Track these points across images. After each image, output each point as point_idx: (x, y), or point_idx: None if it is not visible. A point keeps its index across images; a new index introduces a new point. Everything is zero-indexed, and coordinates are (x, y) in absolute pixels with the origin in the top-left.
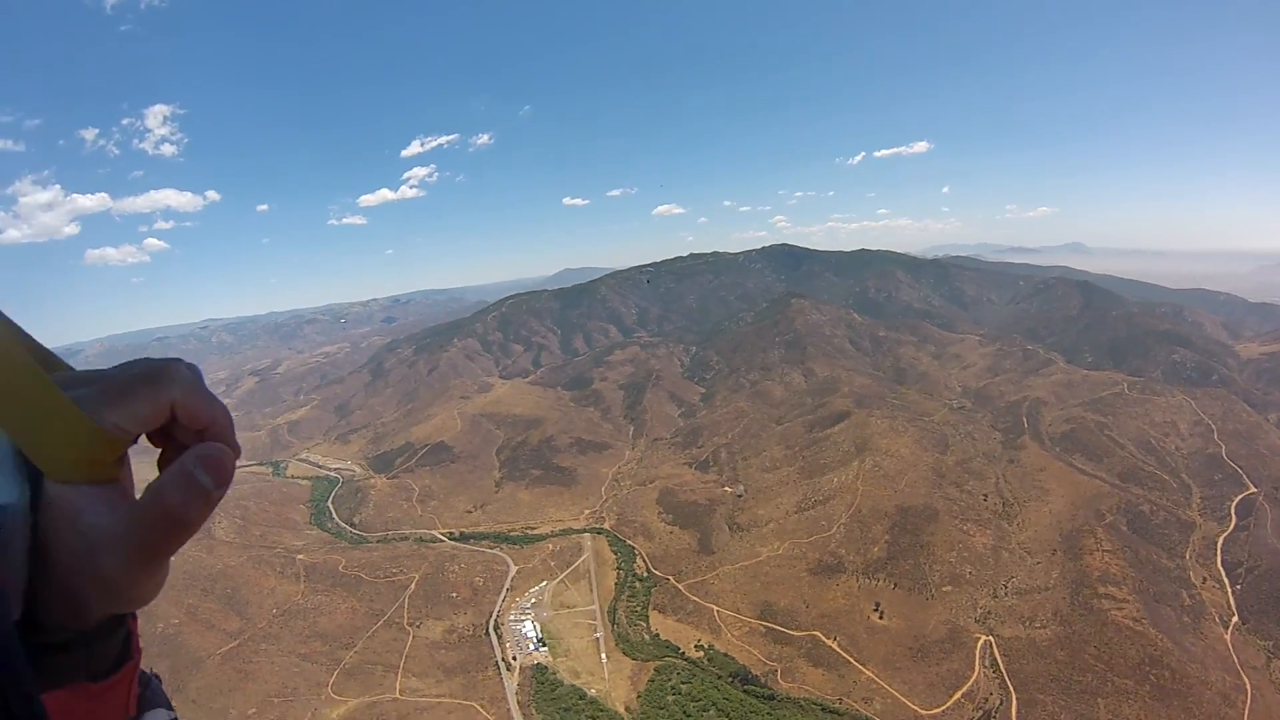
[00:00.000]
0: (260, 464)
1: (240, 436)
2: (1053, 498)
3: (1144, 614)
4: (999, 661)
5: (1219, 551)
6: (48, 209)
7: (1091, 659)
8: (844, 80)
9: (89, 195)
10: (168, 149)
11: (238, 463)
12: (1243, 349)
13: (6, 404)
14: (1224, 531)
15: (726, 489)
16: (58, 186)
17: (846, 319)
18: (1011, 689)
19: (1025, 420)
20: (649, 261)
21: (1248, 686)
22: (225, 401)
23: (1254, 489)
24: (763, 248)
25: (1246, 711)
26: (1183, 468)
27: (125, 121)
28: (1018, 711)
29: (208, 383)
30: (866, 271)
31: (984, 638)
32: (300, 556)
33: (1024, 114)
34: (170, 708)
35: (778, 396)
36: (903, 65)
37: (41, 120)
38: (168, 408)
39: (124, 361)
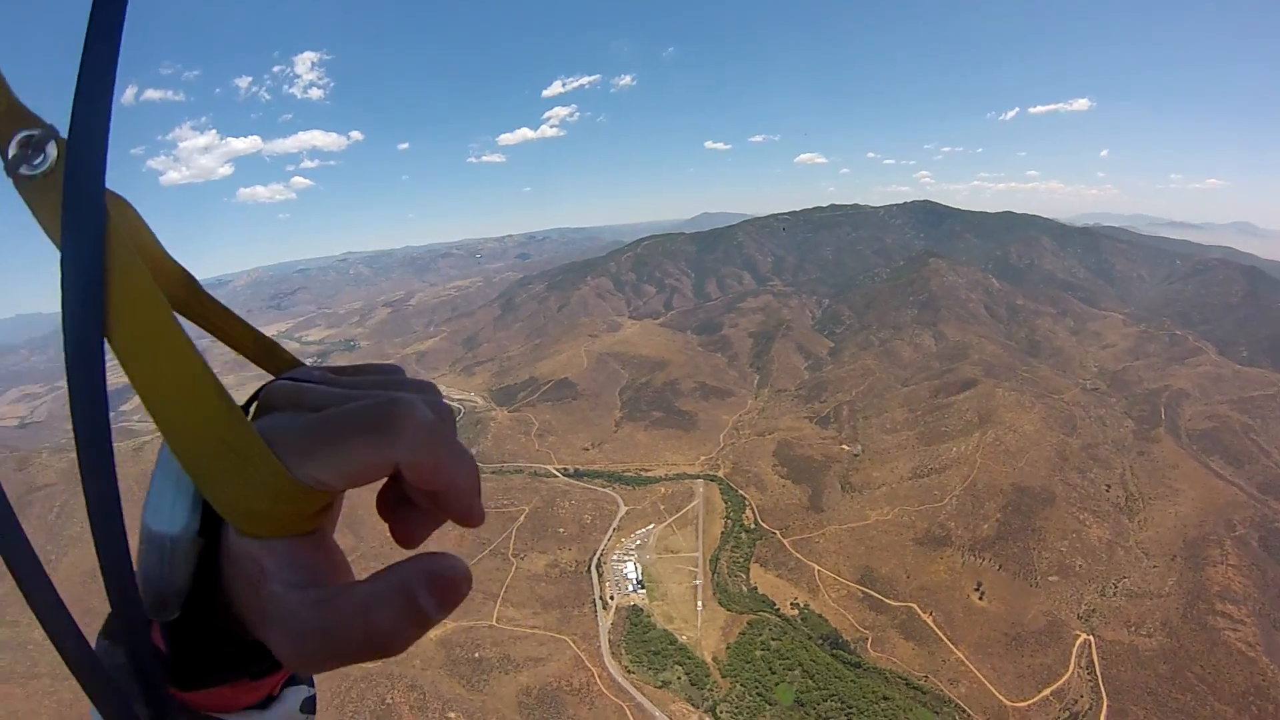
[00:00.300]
0: None
1: None
2: (1181, 499)
3: (1260, 640)
4: (1096, 664)
5: None
6: (204, 152)
7: (1194, 678)
8: (1004, 27)
9: (242, 138)
10: (315, 93)
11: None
12: None
13: (187, 441)
14: None
15: (844, 447)
16: (214, 131)
17: (984, 283)
18: (1104, 695)
19: (1163, 411)
20: (788, 210)
21: None
22: (358, 331)
23: None
24: (904, 203)
25: None
26: None
27: (276, 69)
28: (1107, 719)
29: (343, 312)
30: (1010, 236)
31: (1084, 636)
32: None
33: (1200, 72)
34: (310, 683)
35: (906, 357)
36: (1070, 11)
37: (200, 70)
38: (390, 467)
39: (357, 373)
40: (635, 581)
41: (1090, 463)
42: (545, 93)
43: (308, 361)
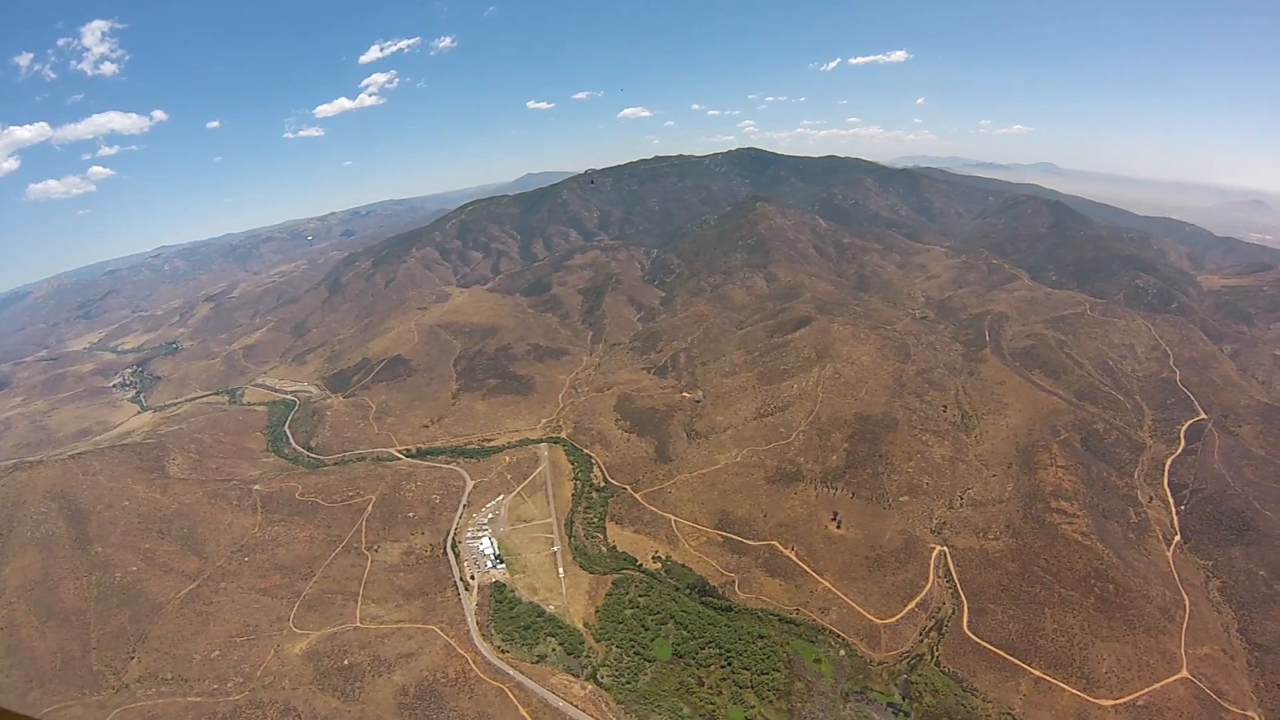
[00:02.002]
0: (216, 393)
1: (195, 366)
2: (1010, 412)
3: (1093, 529)
4: (952, 572)
5: (1166, 472)
6: None
7: (1041, 571)
8: None
9: (26, 126)
10: (108, 68)
11: (189, 395)
12: (1204, 280)
13: None
14: (1172, 454)
15: (685, 395)
16: None
17: (811, 224)
18: (964, 598)
19: (987, 334)
20: (614, 165)
21: (1186, 602)
22: (179, 331)
23: (1204, 415)
24: (729, 151)
25: (1185, 626)
26: (1137, 390)
27: (61, 42)
28: (969, 620)
29: (161, 313)
30: (834, 178)
31: (939, 548)
32: (256, 487)
33: (1008, 28)
34: None
35: (739, 301)
36: None
37: None
38: None
39: None
40: (493, 557)
41: (926, 386)
42: (363, 58)
43: (126, 372)
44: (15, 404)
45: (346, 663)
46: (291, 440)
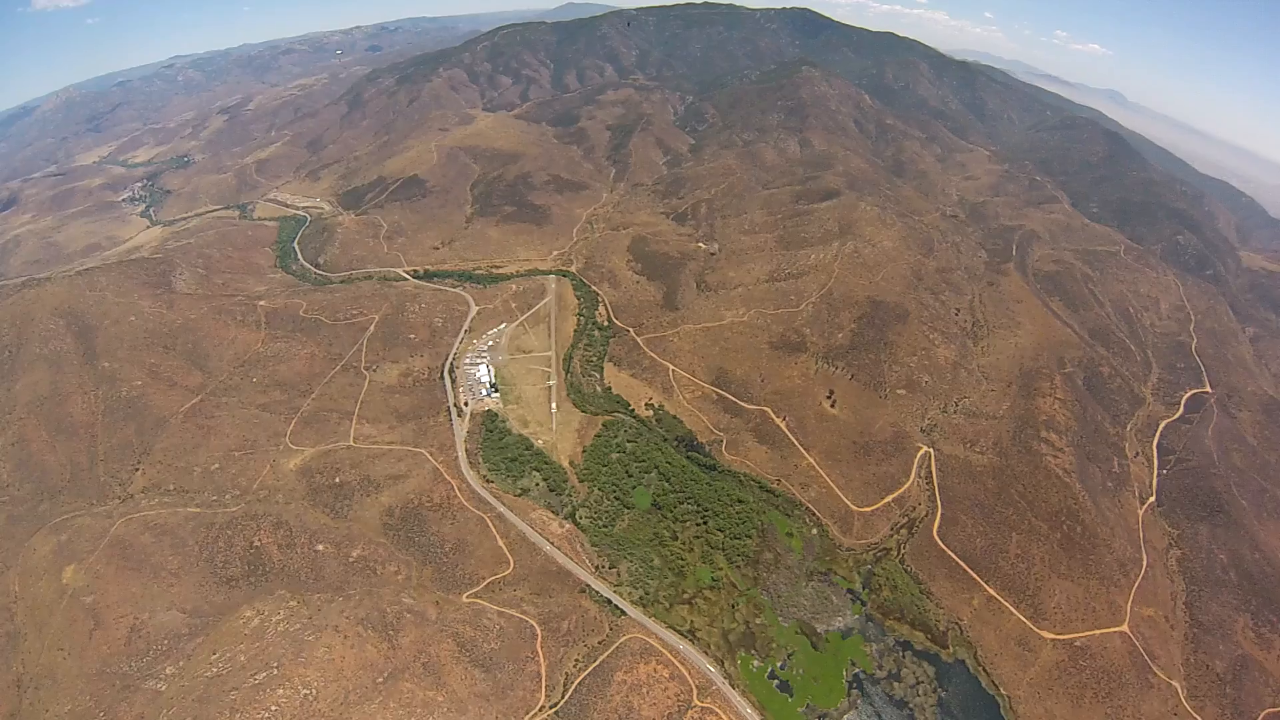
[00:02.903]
0: (226, 207)
1: (207, 180)
2: (1022, 331)
3: (1075, 468)
4: (934, 475)
5: (1158, 434)
6: None
7: (1017, 495)
8: None
9: None
10: None
11: (200, 210)
12: (1246, 257)
13: None
14: (1169, 417)
15: (700, 245)
16: None
17: (856, 99)
18: (939, 504)
19: (1014, 248)
20: (663, 3)
21: (1144, 562)
22: (191, 145)
23: (1210, 389)
24: (783, 8)
25: (1137, 584)
26: (1151, 345)
27: None
28: (939, 527)
29: (173, 126)
30: (888, 56)
31: (925, 449)
32: (261, 303)
33: None
34: None
35: (769, 161)
36: None
37: None
38: None
39: None
40: (489, 385)
41: (943, 285)
42: None
43: (136, 186)
44: (24, 221)
45: (338, 480)
46: (300, 256)
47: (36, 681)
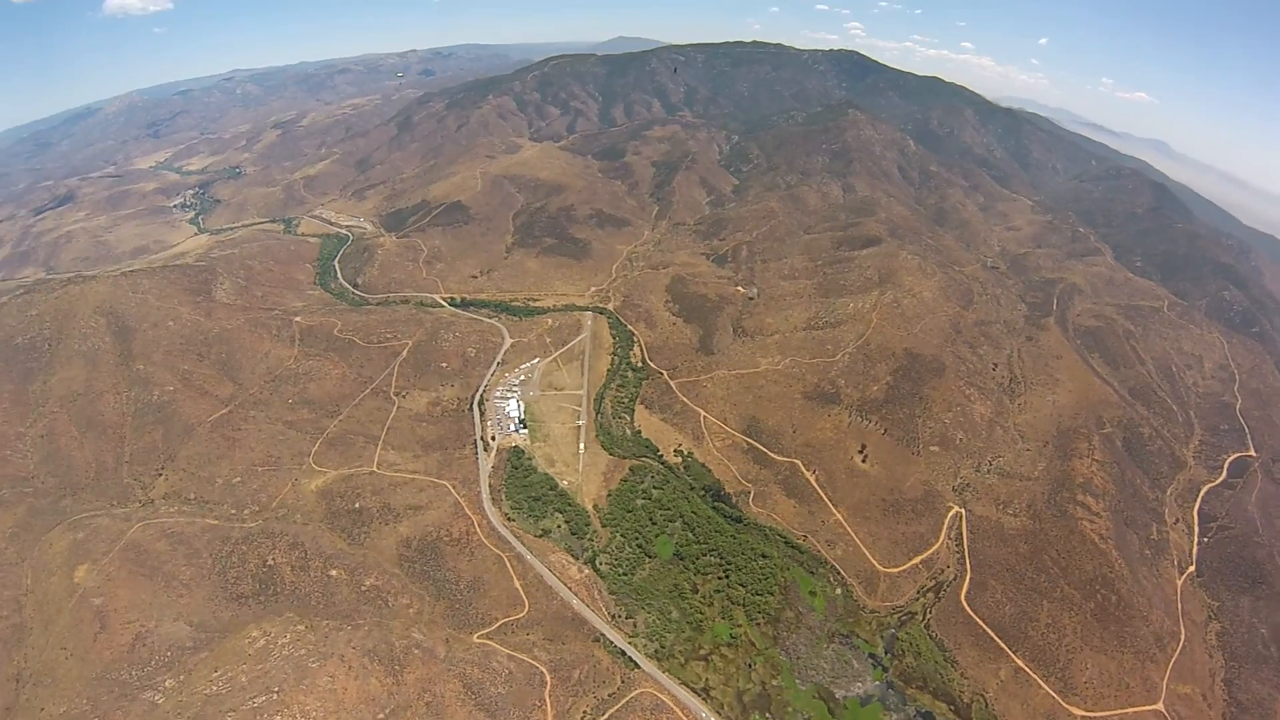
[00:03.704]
0: (272, 221)
1: (255, 193)
2: (1060, 389)
3: (1111, 534)
4: (964, 537)
5: (1199, 499)
6: None
7: (1050, 561)
8: None
9: None
10: None
11: (246, 221)
12: None
13: None
14: (1211, 482)
15: (739, 289)
16: None
17: (900, 144)
18: (969, 567)
19: (1055, 302)
20: (709, 41)
21: (1182, 636)
22: (244, 156)
23: (1254, 453)
24: (830, 50)
25: (1174, 659)
26: (1193, 405)
27: None
28: (968, 591)
29: (228, 137)
30: (933, 101)
31: (956, 509)
32: (297, 319)
33: None
34: None
35: (812, 205)
36: None
37: None
38: None
39: None
40: (518, 421)
41: (981, 339)
42: None
43: (188, 193)
44: (79, 218)
45: (358, 506)
46: (339, 275)
47: (36, 678)
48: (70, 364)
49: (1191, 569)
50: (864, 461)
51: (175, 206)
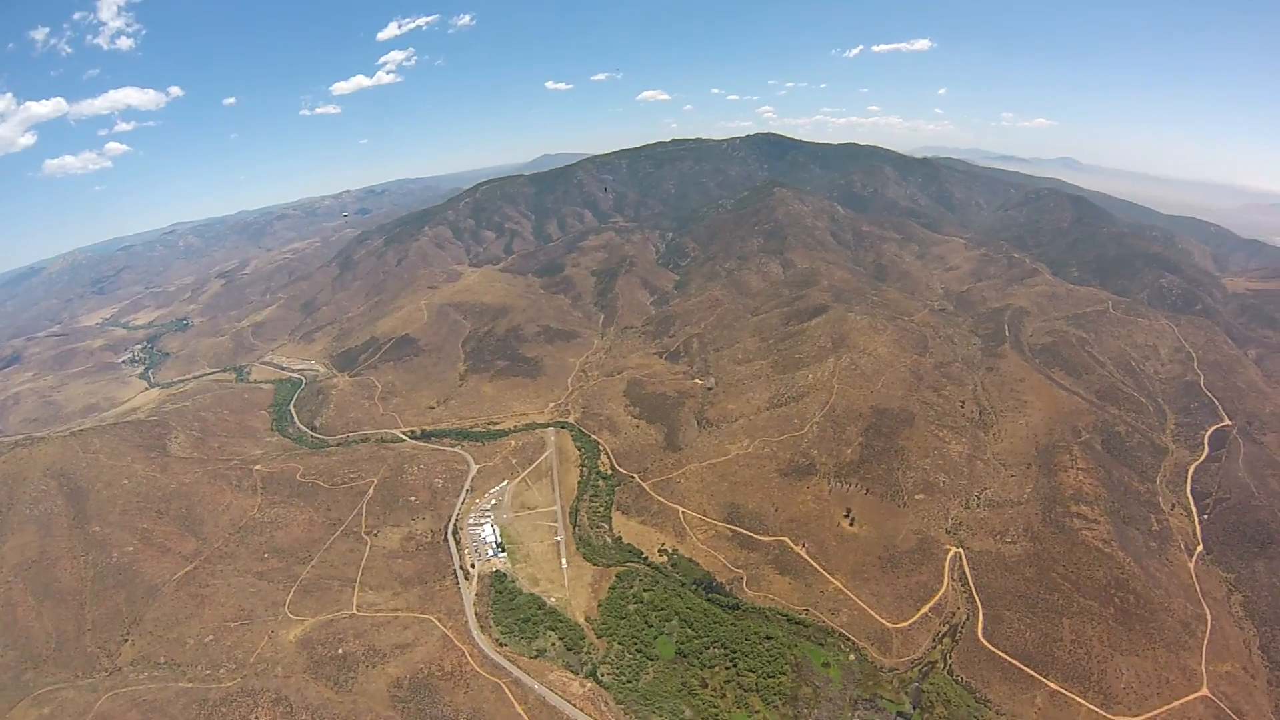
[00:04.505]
0: (223, 370)
1: (204, 343)
2: (1030, 410)
3: (1113, 536)
4: (968, 575)
5: (1189, 479)
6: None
7: (1059, 578)
8: None
9: (43, 101)
10: (124, 42)
11: (197, 372)
12: (1229, 282)
13: None
14: (1196, 460)
15: (696, 381)
16: (9, 95)
17: (829, 211)
18: (979, 604)
19: (1007, 329)
20: (630, 146)
21: (1208, 616)
22: (190, 308)
23: (1229, 421)
24: (747, 136)
25: (1206, 641)
26: (1160, 392)
27: (77, 16)
28: (984, 627)
29: (173, 289)
30: (853, 165)
31: (954, 550)
32: (257, 467)
33: (1033, 19)
34: None
35: (754, 286)
36: None
37: None
38: None
39: None
40: (495, 545)
41: (944, 380)
42: (380, 35)
43: (136, 348)
44: (25, 379)
45: (341, 652)
46: (296, 419)
47: None
48: (22, 530)
49: (1200, 548)
50: (852, 524)
51: (124, 362)
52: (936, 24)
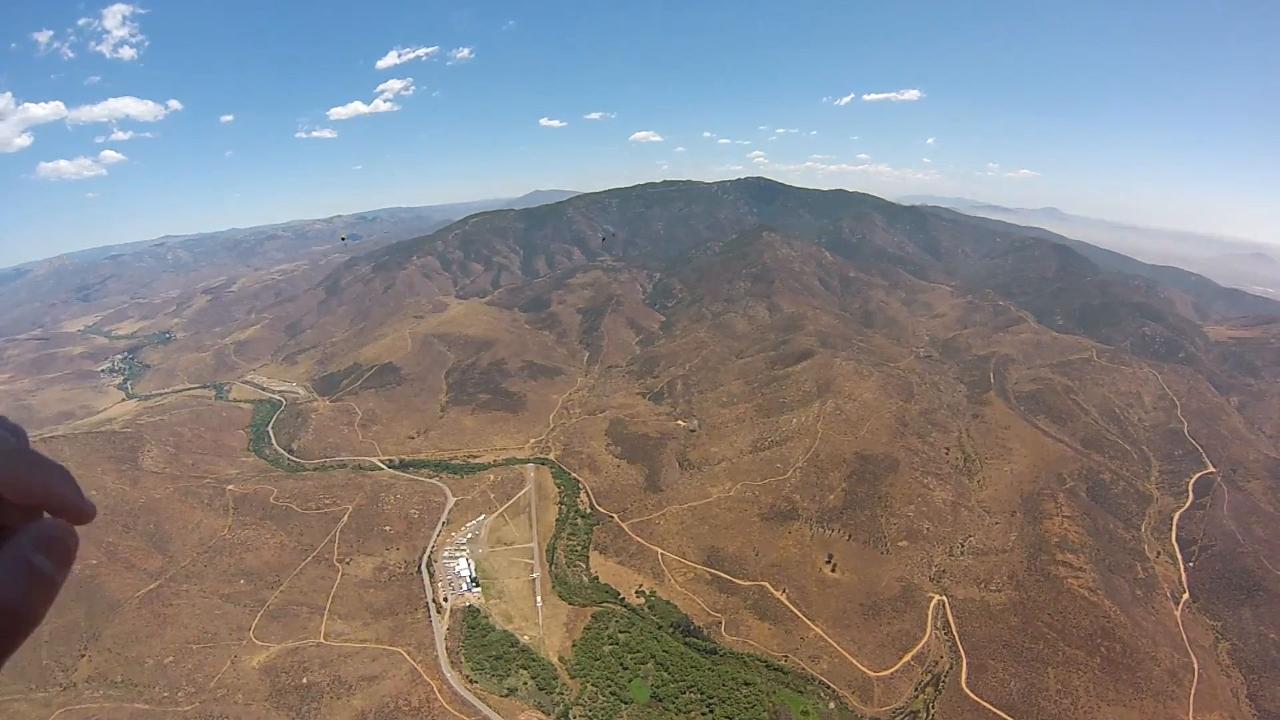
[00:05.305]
0: (203, 386)
1: (186, 358)
2: (1015, 457)
3: (1099, 584)
4: (951, 623)
5: (1174, 527)
6: None
7: (1044, 627)
8: (845, 16)
9: (42, 104)
10: (127, 52)
11: (176, 387)
12: (1211, 331)
13: None
14: (1180, 508)
15: (680, 423)
16: (9, 94)
17: (817, 256)
18: (963, 653)
19: (992, 376)
20: (622, 185)
21: (1195, 665)
22: (174, 322)
23: (1213, 469)
24: (738, 179)
25: (1193, 691)
26: (1144, 440)
27: (82, 22)
28: (967, 677)
29: (159, 302)
30: (842, 212)
31: (937, 597)
32: (231, 487)
33: (1021, 73)
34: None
35: (740, 330)
36: (908, 3)
37: None
38: None
39: None
40: (469, 579)
41: (929, 427)
42: (380, 64)
43: (117, 358)
44: (1, 381)
45: (305, 681)
46: (273, 441)
47: None
48: None
49: (1186, 596)
50: (833, 570)
51: (103, 371)
52: (926, 74)
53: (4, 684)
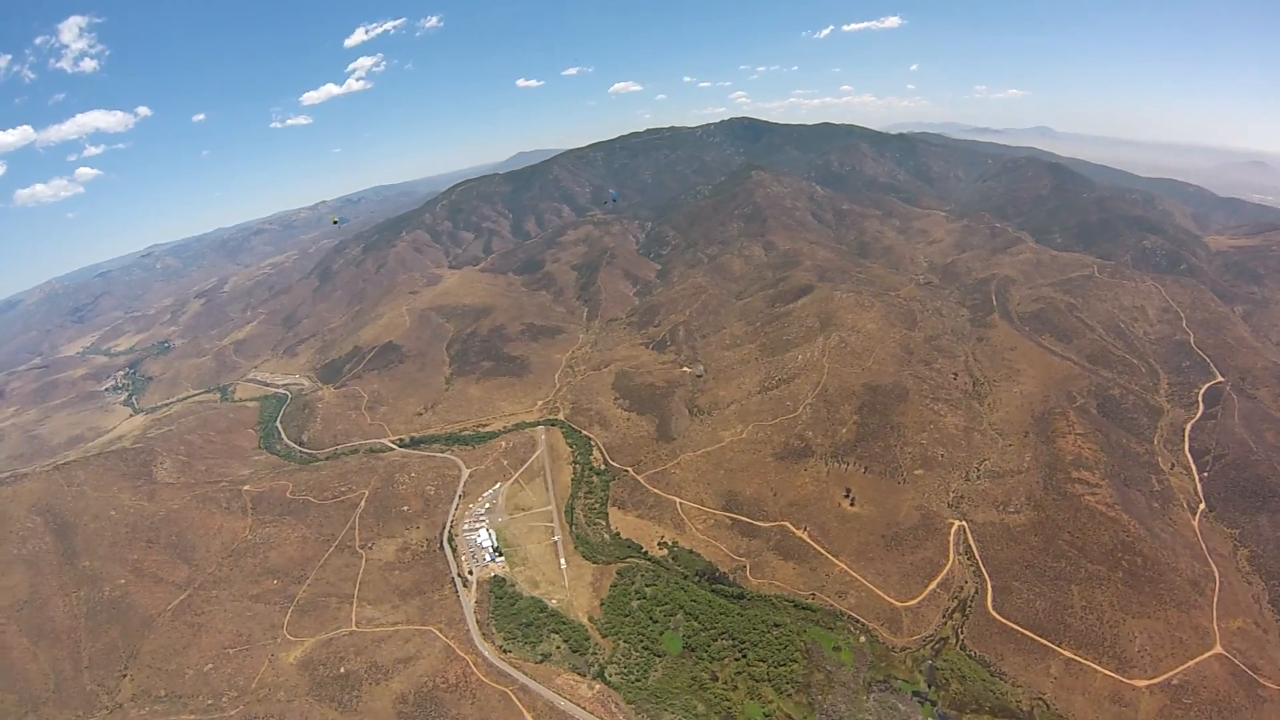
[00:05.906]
0: (207, 391)
1: (187, 365)
2: (1023, 378)
3: (1116, 499)
4: (973, 548)
5: (1187, 438)
6: None
7: (1065, 545)
8: None
9: (9, 130)
10: (89, 64)
11: (181, 395)
12: (1212, 241)
13: None
14: (1191, 419)
15: (685, 369)
16: None
17: (808, 191)
18: (986, 576)
19: (994, 298)
20: (605, 138)
21: (1216, 574)
22: (170, 330)
23: (1221, 378)
24: (721, 121)
25: (1215, 599)
26: (1151, 353)
27: (39, 40)
28: (993, 600)
29: (153, 312)
30: (829, 145)
31: (958, 523)
32: (247, 488)
33: None
34: None
35: (737, 270)
36: None
37: None
38: None
39: None
40: (492, 550)
41: (935, 354)
42: (348, 42)
43: (118, 375)
44: (8, 415)
45: (343, 670)
46: (283, 435)
47: None
48: (11, 570)
49: (1202, 506)
50: (852, 505)
51: (107, 390)
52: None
53: (50, 715)
